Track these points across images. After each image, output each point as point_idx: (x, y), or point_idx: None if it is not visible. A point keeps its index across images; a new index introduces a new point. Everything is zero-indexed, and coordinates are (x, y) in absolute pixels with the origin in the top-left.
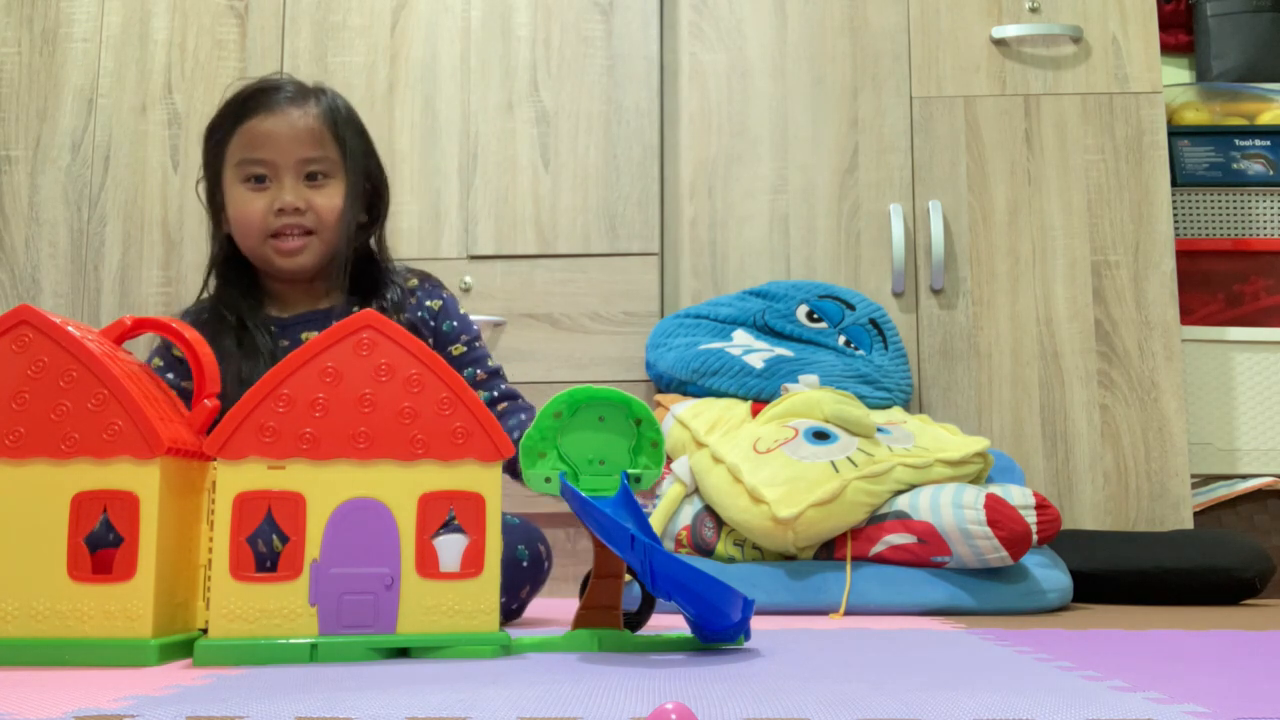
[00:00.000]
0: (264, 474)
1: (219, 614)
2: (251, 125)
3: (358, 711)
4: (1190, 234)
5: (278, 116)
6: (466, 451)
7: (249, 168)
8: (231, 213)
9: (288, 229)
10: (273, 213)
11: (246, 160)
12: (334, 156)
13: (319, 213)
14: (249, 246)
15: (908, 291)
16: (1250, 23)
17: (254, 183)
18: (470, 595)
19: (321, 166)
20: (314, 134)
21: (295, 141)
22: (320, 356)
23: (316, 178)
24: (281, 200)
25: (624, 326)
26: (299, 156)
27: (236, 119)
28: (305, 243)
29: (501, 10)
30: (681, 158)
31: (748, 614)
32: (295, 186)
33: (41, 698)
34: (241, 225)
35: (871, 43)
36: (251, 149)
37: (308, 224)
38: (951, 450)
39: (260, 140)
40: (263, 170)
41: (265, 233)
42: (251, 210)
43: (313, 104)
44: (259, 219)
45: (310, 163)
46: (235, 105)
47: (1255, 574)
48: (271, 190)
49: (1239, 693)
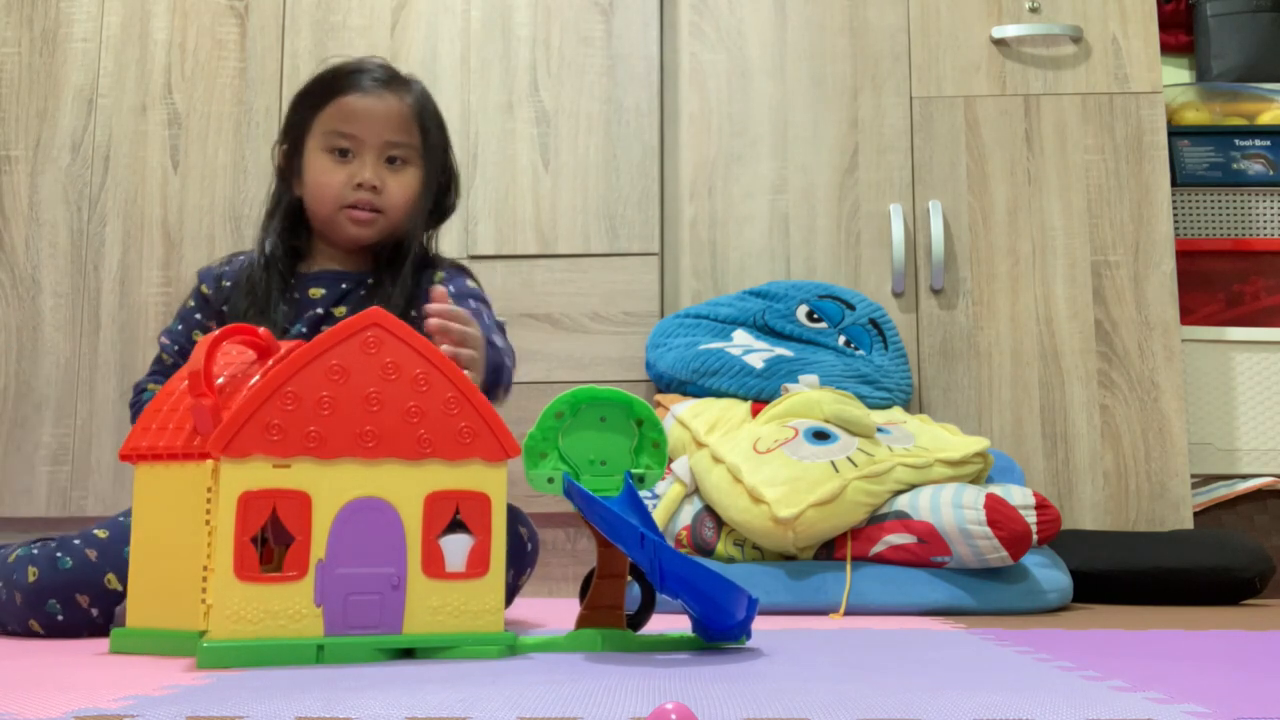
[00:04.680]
0: (269, 473)
1: (222, 615)
2: (347, 100)
3: (358, 711)
4: (1190, 234)
5: (373, 97)
6: (473, 451)
7: (336, 139)
8: (310, 178)
9: (361, 203)
10: (351, 186)
11: (335, 132)
12: (415, 144)
13: (392, 195)
14: (323, 213)
15: (908, 291)
16: (1250, 23)
17: (337, 155)
18: (476, 595)
19: (402, 152)
20: (402, 120)
21: (384, 123)
22: (327, 354)
23: (395, 161)
24: (361, 176)
25: (624, 326)
26: (385, 138)
27: (333, 91)
28: (373, 218)
29: (501, 10)
30: (681, 158)
31: (751, 613)
32: (376, 166)
33: (41, 698)
34: (318, 191)
35: (871, 43)
36: (343, 122)
37: (379, 203)
38: (951, 450)
39: (352, 116)
40: (348, 144)
41: (340, 202)
42: (332, 179)
43: (405, 91)
44: (337, 189)
45: (393, 146)
46: (334, 78)
47: (1255, 574)
48: (353, 164)
49: (1239, 693)
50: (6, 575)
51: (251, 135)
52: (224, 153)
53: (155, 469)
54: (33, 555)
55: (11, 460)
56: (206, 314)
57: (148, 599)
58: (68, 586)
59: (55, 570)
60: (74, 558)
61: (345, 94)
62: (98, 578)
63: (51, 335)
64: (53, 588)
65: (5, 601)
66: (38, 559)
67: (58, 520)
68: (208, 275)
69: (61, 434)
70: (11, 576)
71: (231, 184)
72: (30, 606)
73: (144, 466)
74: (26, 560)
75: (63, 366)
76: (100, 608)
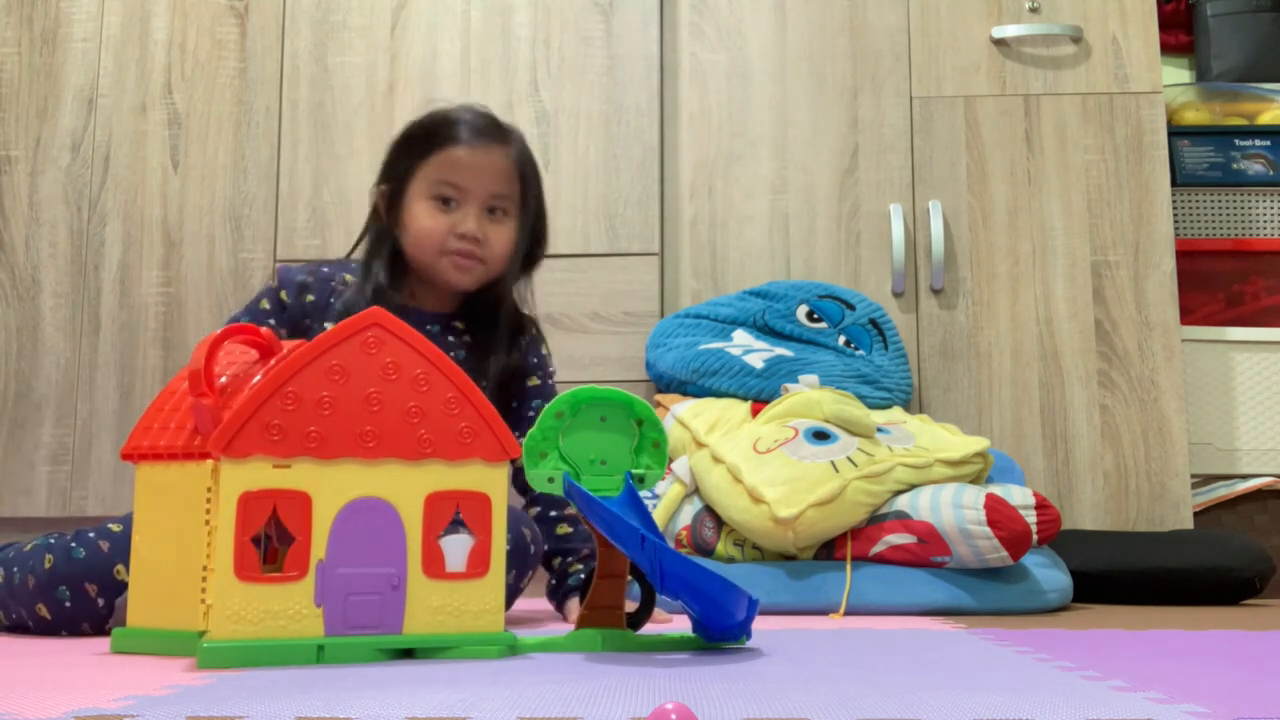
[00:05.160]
0: (269, 473)
1: (222, 615)
2: (455, 152)
3: (358, 711)
4: (1190, 234)
5: (480, 151)
6: (473, 451)
7: (442, 189)
8: (413, 223)
9: (462, 252)
10: (454, 234)
11: (443, 182)
12: (515, 196)
13: (493, 246)
14: (424, 258)
15: (908, 291)
16: (1250, 23)
17: (441, 202)
18: (476, 595)
19: (504, 204)
20: (506, 173)
21: (490, 176)
22: (327, 354)
23: (496, 212)
24: (465, 226)
25: (624, 326)
26: (490, 191)
27: (439, 141)
28: (473, 265)
29: (501, 10)
30: (681, 158)
31: (752, 613)
32: (479, 217)
33: (41, 698)
34: (421, 238)
35: (871, 43)
36: (450, 173)
37: (481, 253)
38: (951, 450)
39: (458, 168)
40: (453, 195)
41: (443, 249)
42: (435, 227)
43: (508, 143)
44: (440, 237)
45: (496, 198)
46: (440, 127)
47: (1255, 574)
48: (456, 214)
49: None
50: (22, 562)
51: (251, 135)
52: (224, 153)
53: (156, 468)
54: (49, 545)
55: (11, 460)
56: (280, 320)
57: (149, 599)
58: (79, 575)
59: (69, 559)
60: (87, 548)
61: (451, 146)
62: (107, 568)
63: (51, 335)
64: (65, 575)
65: (18, 586)
66: (54, 548)
67: (58, 520)
68: (289, 281)
69: (61, 434)
70: (28, 563)
71: (231, 184)
72: (41, 591)
73: (145, 466)
74: (44, 549)
75: (63, 366)
76: (106, 598)
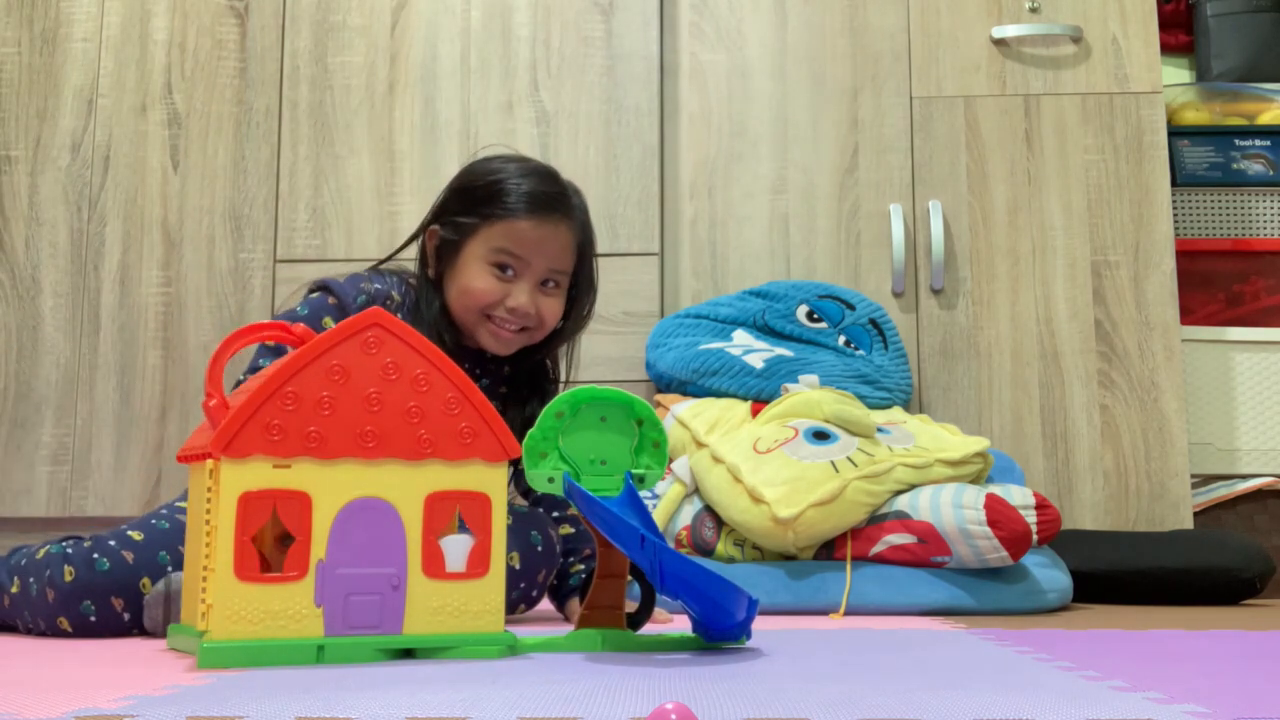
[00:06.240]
0: (269, 473)
1: (222, 615)
2: (520, 224)
3: (358, 711)
4: (1190, 234)
5: (547, 227)
6: (473, 451)
7: (502, 257)
8: (465, 280)
9: (509, 322)
10: (504, 305)
11: (505, 251)
12: (570, 269)
13: (543, 318)
14: (467, 317)
15: (908, 291)
16: (1250, 23)
17: (498, 269)
18: (476, 595)
19: (559, 279)
20: (567, 249)
21: (552, 253)
22: (327, 355)
23: (549, 284)
24: (517, 301)
25: (624, 326)
26: (549, 267)
27: (507, 210)
28: (515, 338)
29: (501, 10)
30: (681, 158)
31: (752, 613)
32: (533, 292)
33: (41, 698)
34: (469, 297)
35: (871, 43)
36: (513, 244)
37: (529, 324)
38: (951, 450)
39: (523, 242)
40: (512, 264)
41: (487, 314)
42: (489, 292)
43: (572, 214)
44: (489, 302)
45: (553, 273)
46: (511, 193)
47: (1255, 574)
48: (512, 285)
49: (1239, 693)
50: (37, 572)
51: (251, 135)
52: (224, 153)
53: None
54: (66, 554)
55: (11, 460)
56: None
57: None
58: (105, 590)
59: (93, 572)
60: (111, 559)
61: (523, 217)
62: (133, 581)
63: (51, 335)
64: (89, 589)
65: (35, 598)
66: (73, 558)
67: (57, 520)
68: (350, 298)
69: (61, 434)
70: (44, 574)
71: (231, 184)
72: (63, 605)
73: (197, 466)
74: (60, 559)
75: (63, 366)
76: (132, 612)
